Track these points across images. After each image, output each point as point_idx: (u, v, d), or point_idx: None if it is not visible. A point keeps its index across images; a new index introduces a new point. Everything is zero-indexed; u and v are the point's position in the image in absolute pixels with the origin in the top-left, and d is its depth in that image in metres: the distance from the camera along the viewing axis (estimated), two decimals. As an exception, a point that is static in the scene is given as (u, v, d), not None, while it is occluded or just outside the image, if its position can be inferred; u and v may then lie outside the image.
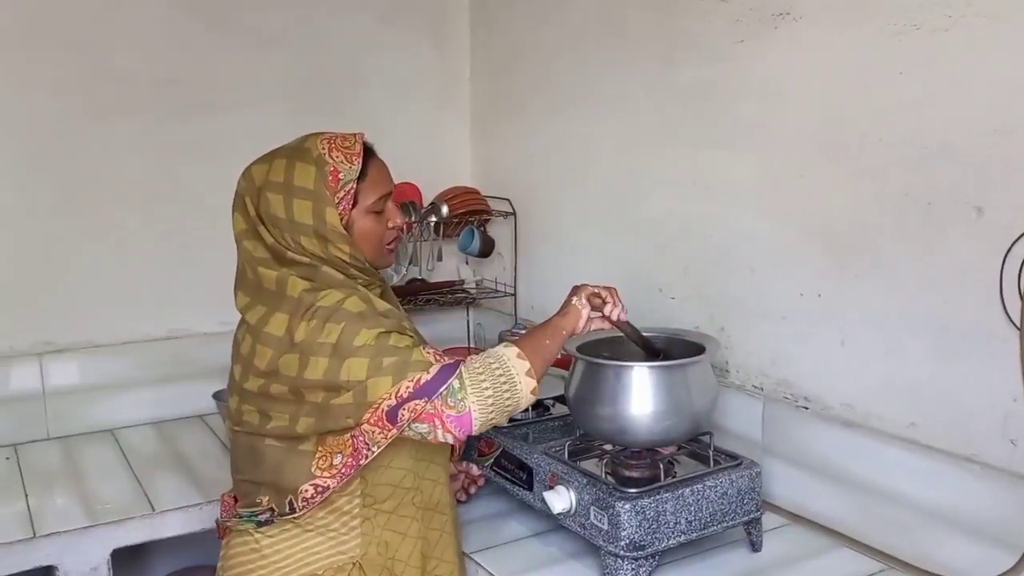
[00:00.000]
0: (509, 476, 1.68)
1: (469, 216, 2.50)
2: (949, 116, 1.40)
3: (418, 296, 2.48)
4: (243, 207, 1.42)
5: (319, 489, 1.35)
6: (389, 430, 1.31)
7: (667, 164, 1.98)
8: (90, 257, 2.24)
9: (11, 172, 2.14)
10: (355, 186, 1.41)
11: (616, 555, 1.41)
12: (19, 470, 2.00)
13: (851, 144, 1.56)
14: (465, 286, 2.66)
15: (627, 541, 1.40)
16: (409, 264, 2.45)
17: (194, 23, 2.29)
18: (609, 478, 1.51)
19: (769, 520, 1.65)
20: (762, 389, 1.78)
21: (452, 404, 1.30)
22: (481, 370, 1.34)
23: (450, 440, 1.33)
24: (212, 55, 2.32)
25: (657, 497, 1.43)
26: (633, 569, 1.41)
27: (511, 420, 1.77)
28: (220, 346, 2.27)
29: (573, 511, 1.50)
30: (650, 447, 1.55)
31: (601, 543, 1.44)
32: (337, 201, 1.39)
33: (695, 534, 1.47)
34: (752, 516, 1.54)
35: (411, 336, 1.38)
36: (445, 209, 2.44)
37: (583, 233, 2.29)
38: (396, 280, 2.46)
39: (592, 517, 1.46)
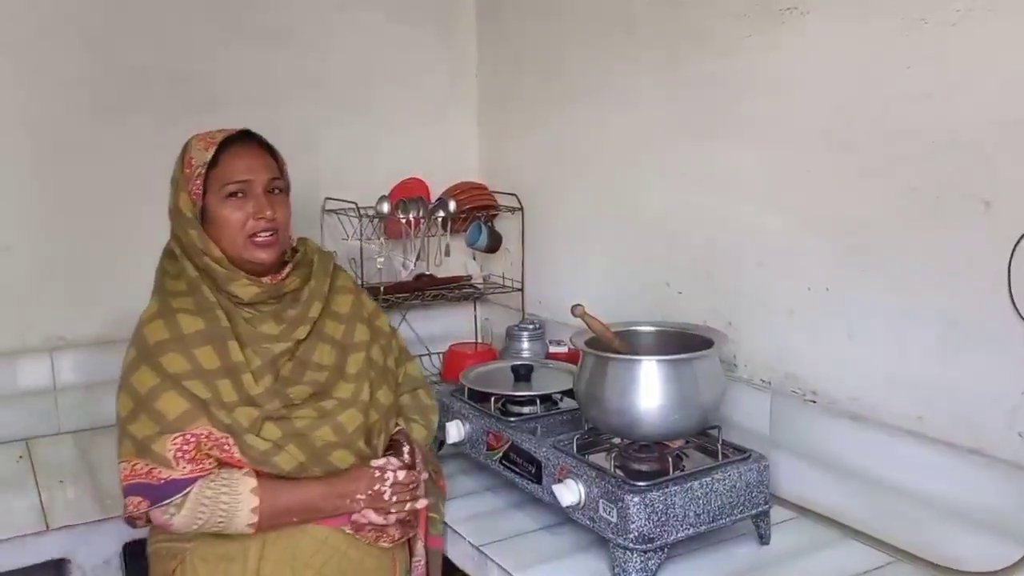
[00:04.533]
0: (518, 470, 1.68)
1: (476, 211, 2.50)
2: (956, 110, 1.40)
3: (426, 291, 2.49)
4: None
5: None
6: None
7: (675, 159, 1.98)
8: (100, 252, 2.24)
9: (22, 168, 2.15)
10: (204, 171, 1.47)
11: (625, 548, 1.42)
12: (31, 464, 2.01)
13: (858, 138, 1.56)
14: (472, 281, 2.67)
15: (636, 534, 1.41)
16: (417, 259, 2.46)
17: (205, 19, 2.30)
18: (618, 471, 1.51)
19: (777, 513, 1.65)
20: (770, 383, 1.79)
21: (162, 512, 1.41)
22: (208, 503, 1.40)
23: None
24: (223, 51, 2.33)
25: (666, 490, 1.44)
26: (642, 562, 1.42)
27: (519, 414, 1.80)
28: (230, 341, 2.31)
29: (582, 504, 1.51)
30: (658, 440, 1.56)
31: (610, 536, 1.45)
32: (190, 187, 1.47)
33: (704, 527, 1.48)
34: (760, 509, 1.55)
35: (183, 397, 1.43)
36: (452, 204, 2.44)
37: (590, 228, 2.29)
38: (404, 275, 2.46)
39: (601, 510, 1.47)
